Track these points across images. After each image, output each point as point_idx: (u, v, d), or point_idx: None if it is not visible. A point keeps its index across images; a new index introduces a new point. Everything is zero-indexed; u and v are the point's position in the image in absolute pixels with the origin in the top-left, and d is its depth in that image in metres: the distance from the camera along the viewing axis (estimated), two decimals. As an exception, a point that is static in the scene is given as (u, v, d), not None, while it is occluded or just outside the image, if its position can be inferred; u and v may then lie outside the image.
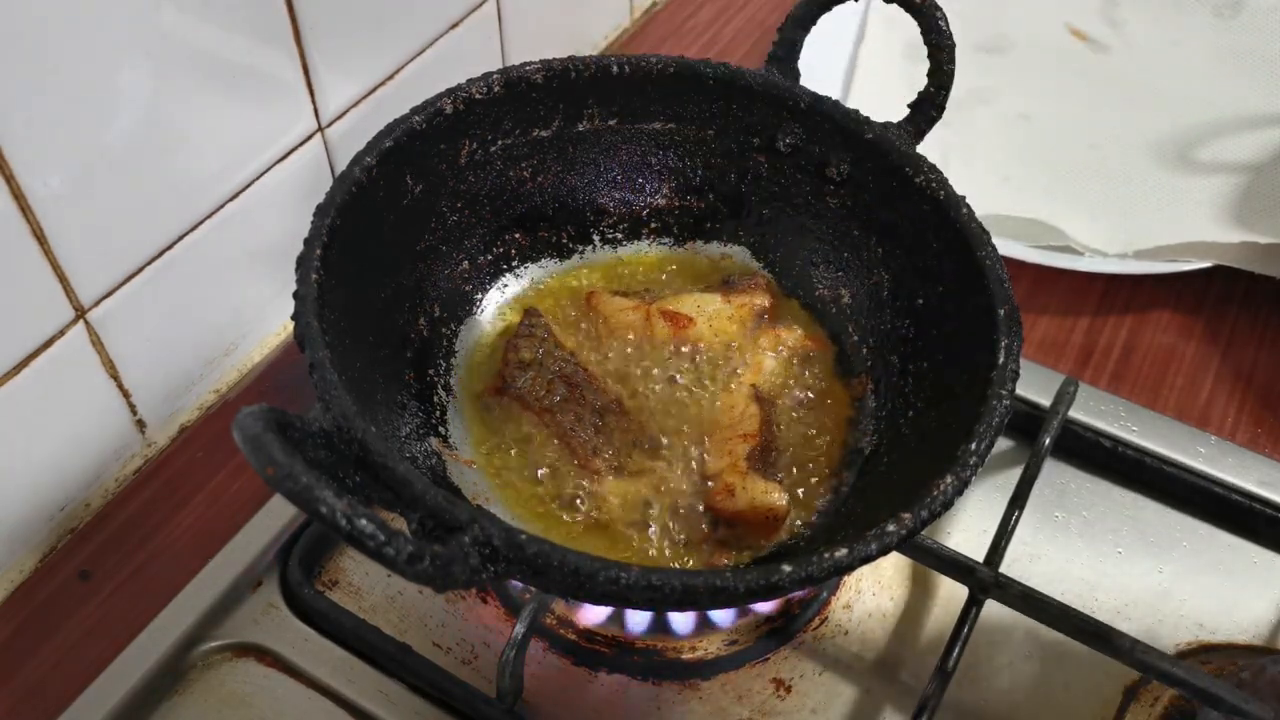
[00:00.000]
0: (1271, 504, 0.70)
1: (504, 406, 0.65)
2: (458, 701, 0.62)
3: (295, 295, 0.52)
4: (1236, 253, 0.82)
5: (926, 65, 0.65)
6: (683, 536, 0.60)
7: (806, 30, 0.68)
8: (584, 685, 0.64)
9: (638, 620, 0.64)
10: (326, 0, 0.71)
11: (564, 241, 0.72)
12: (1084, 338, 0.82)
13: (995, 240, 0.59)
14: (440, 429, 0.63)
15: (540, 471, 0.62)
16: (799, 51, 0.69)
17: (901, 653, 0.65)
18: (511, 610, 0.66)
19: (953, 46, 0.65)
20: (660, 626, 0.64)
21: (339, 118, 0.77)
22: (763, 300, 0.70)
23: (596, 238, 0.73)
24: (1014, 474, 0.69)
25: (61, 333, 0.64)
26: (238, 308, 0.76)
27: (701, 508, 0.61)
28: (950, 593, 0.67)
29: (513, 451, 0.63)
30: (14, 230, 0.58)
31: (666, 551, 0.59)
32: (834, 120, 0.66)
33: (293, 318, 0.51)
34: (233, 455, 0.72)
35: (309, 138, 0.75)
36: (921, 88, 0.65)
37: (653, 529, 0.60)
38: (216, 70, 0.66)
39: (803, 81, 0.68)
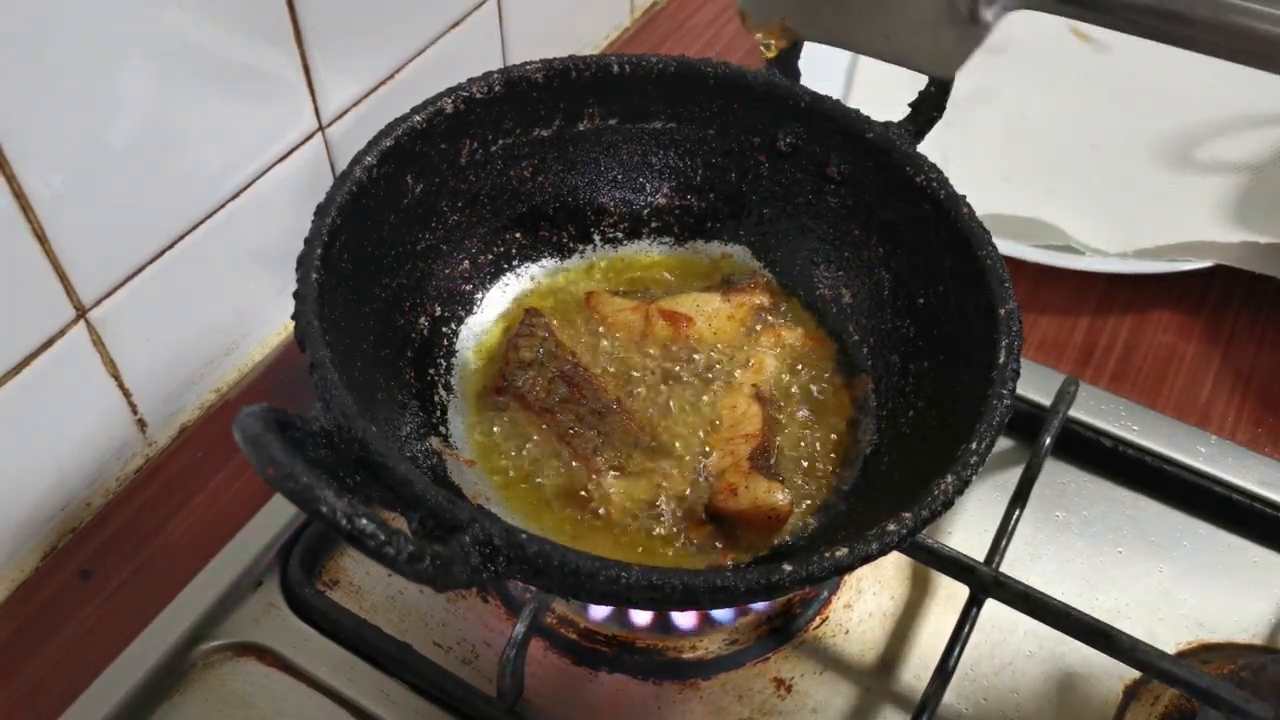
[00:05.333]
0: (1271, 504, 0.70)
1: (504, 406, 0.65)
2: (458, 701, 0.62)
3: (295, 295, 0.52)
4: (1236, 253, 0.82)
5: (927, 65, 0.65)
6: (684, 536, 0.60)
7: (807, 30, 0.68)
8: (584, 685, 0.64)
9: (641, 615, 0.64)
10: (327, 0, 0.71)
11: (565, 241, 0.72)
12: (1084, 337, 0.82)
13: (996, 240, 0.59)
14: (440, 428, 0.63)
15: (541, 471, 0.62)
16: (799, 51, 0.69)
17: (902, 652, 0.65)
18: (512, 610, 0.66)
19: (953, 46, 0.65)
20: (663, 623, 0.64)
21: (339, 117, 0.77)
22: (763, 299, 0.70)
23: (597, 237, 0.73)
24: (1014, 473, 0.69)
25: (62, 332, 0.64)
26: (238, 307, 0.76)
27: (703, 507, 0.61)
28: (950, 592, 0.67)
29: (513, 451, 0.63)
30: (15, 230, 0.59)
31: (667, 551, 0.59)
32: (834, 120, 0.66)
33: (293, 317, 0.51)
34: (233, 455, 0.72)
35: (309, 137, 0.75)
36: (922, 87, 0.65)
37: (654, 528, 0.60)
38: (217, 70, 0.66)
39: (803, 81, 0.68)
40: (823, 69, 0.96)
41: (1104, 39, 1.03)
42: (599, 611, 0.64)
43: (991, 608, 0.63)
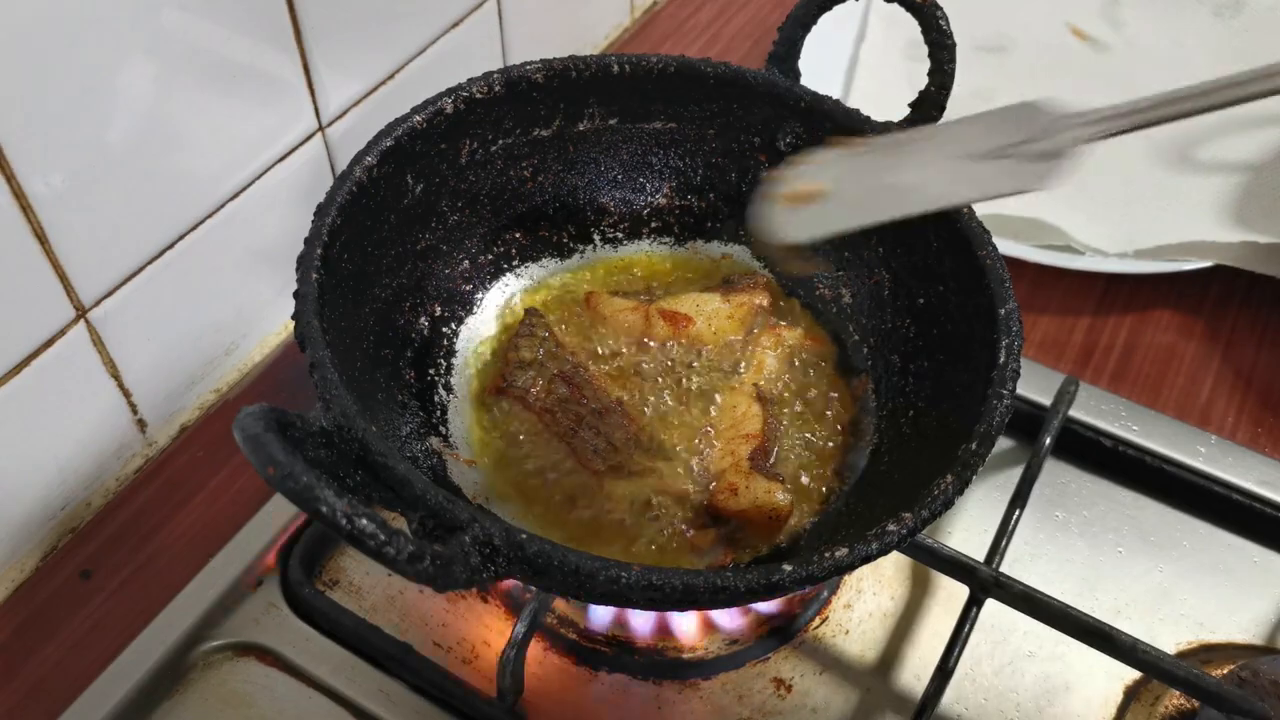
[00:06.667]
0: (1271, 504, 0.70)
1: (504, 406, 0.65)
2: (458, 701, 0.62)
3: (296, 295, 0.52)
4: (1236, 253, 0.82)
5: (927, 64, 0.65)
6: (684, 536, 0.60)
7: (807, 30, 0.68)
8: (584, 685, 0.64)
9: (641, 626, 0.64)
10: (327, 0, 0.71)
11: (565, 241, 0.72)
12: (1084, 337, 0.82)
13: (995, 240, 0.59)
14: (441, 428, 0.63)
15: (541, 471, 0.62)
16: (799, 51, 0.69)
17: (902, 652, 0.65)
18: (512, 610, 0.66)
19: (953, 46, 0.65)
20: (665, 628, 0.64)
21: (339, 117, 0.77)
22: (763, 299, 0.70)
23: (597, 237, 0.73)
24: (1014, 473, 0.69)
25: (62, 332, 0.64)
26: (238, 307, 0.76)
27: (703, 507, 0.61)
28: (950, 592, 0.67)
29: (513, 451, 0.63)
30: (15, 230, 0.59)
31: (667, 551, 0.59)
32: (834, 120, 0.66)
33: (293, 317, 0.51)
34: (233, 455, 0.72)
35: (309, 137, 0.75)
36: (922, 87, 0.65)
37: (653, 528, 0.60)
38: (217, 70, 0.66)
39: (803, 81, 0.68)
40: (823, 68, 0.97)
41: (1104, 39, 1.03)
42: (600, 619, 0.64)
43: (991, 608, 0.63)
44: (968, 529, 0.71)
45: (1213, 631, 0.67)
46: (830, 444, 0.64)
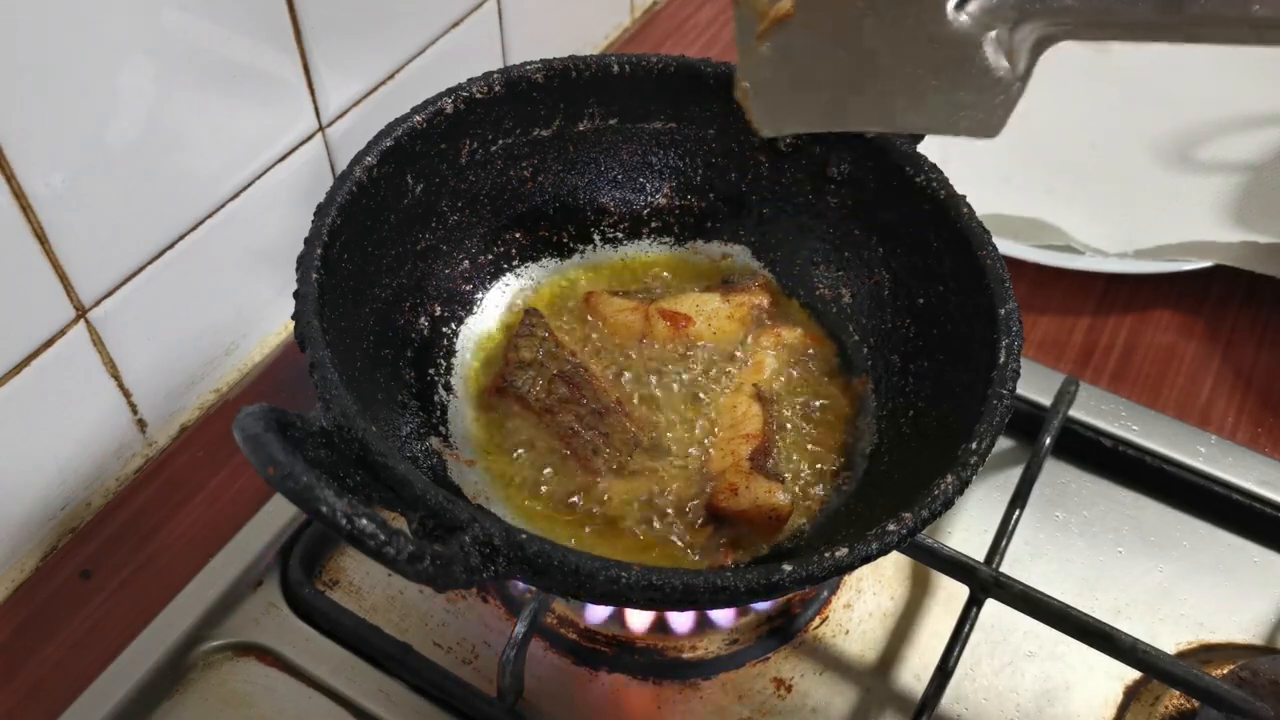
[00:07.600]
0: (1271, 504, 0.70)
1: (504, 406, 0.65)
2: (458, 701, 0.62)
3: (296, 295, 0.52)
4: (1237, 253, 0.82)
5: (927, 65, 0.65)
6: (684, 536, 0.60)
7: (807, 30, 0.68)
8: (584, 685, 0.64)
9: (642, 618, 0.64)
10: (327, 0, 0.71)
11: (564, 241, 0.72)
12: (1084, 337, 0.82)
13: (995, 240, 0.59)
14: (441, 429, 0.63)
15: (541, 471, 0.62)
16: (799, 51, 0.69)
17: (902, 652, 0.65)
18: (512, 610, 0.66)
19: (953, 46, 0.65)
20: (663, 625, 0.64)
21: (340, 117, 0.77)
22: (762, 300, 0.70)
23: (597, 237, 0.73)
24: (1014, 473, 0.69)
25: (62, 332, 0.64)
26: (238, 307, 0.76)
27: (703, 507, 0.61)
28: (950, 592, 0.67)
29: (513, 451, 0.63)
30: (15, 230, 0.59)
31: (667, 551, 0.59)
32: (834, 119, 0.66)
33: (293, 317, 0.51)
34: (233, 455, 0.72)
35: (310, 137, 0.75)
36: (922, 87, 0.65)
37: (653, 528, 0.60)
38: (217, 70, 0.66)
39: (803, 81, 0.68)
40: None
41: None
42: (598, 614, 0.64)
43: (991, 608, 0.63)
44: (968, 529, 0.71)
45: (1213, 631, 0.67)
46: (830, 444, 0.64)
